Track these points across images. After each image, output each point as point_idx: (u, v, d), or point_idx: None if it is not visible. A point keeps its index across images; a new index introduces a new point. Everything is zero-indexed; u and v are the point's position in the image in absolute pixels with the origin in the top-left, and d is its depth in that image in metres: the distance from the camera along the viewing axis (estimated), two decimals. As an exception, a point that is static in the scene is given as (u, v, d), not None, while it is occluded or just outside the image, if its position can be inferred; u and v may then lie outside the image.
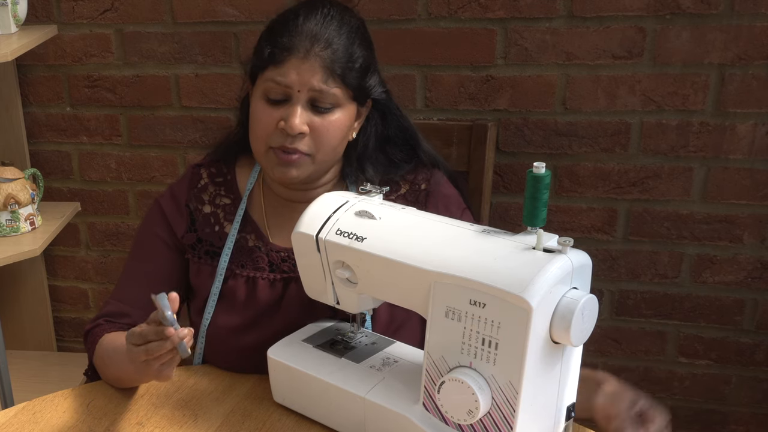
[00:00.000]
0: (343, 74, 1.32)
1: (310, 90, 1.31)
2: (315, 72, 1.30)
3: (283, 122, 1.31)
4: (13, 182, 2.16)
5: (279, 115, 1.32)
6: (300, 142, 1.32)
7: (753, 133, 1.91)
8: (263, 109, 1.34)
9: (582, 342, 1.04)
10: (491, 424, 1.05)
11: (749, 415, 2.13)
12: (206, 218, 1.45)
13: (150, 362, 1.14)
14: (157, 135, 2.26)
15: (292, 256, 1.40)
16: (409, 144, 1.47)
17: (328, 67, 1.31)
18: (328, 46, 1.31)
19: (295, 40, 1.31)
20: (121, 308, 1.42)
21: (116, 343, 1.34)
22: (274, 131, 1.33)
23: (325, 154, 1.35)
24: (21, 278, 2.46)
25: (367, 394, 1.18)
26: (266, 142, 1.34)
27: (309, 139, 1.33)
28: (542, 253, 1.03)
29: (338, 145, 1.37)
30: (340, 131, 1.35)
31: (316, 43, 1.31)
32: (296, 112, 1.31)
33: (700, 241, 2.02)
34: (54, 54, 2.25)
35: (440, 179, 1.46)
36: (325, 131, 1.33)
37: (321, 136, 1.33)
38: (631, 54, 1.91)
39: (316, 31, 1.31)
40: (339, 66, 1.31)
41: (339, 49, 1.32)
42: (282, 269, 1.40)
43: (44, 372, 2.40)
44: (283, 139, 1.32)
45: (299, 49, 1.30)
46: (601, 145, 2.00)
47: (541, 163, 1.04)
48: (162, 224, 1.46)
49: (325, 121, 1.33)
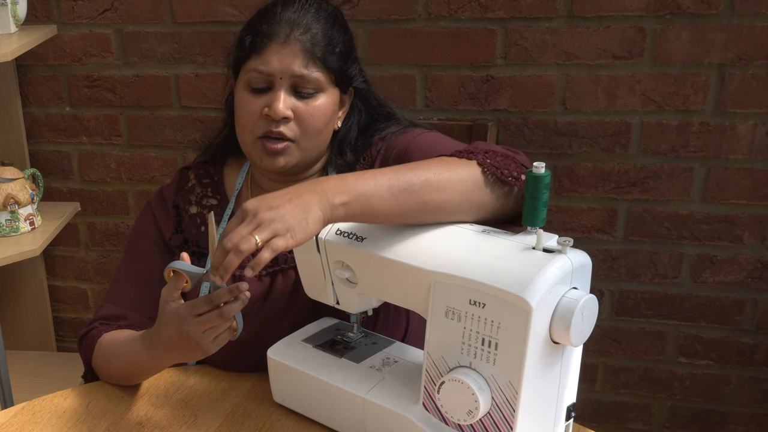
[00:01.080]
0: (323, 57, 1.34)
1: (292, 76, 1.33)
2: (296, 56, 1.32)
3: (267, 108, 1.33)
4: (12, 182, 2.16)
5: (263, 102, 1.34)
6: (285, 127, 1.34)
7: (753, 133, 1.91)
8: (247, 98, 1.36)
9: (582, 342, 1.03)
10: (491, 424, 1.05)
11: (749, 415, 2.13)
12: (192, 219, 1.45)
13: (215, 334, 1.16)
14: (156, 135, 2.26)
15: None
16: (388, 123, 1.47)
17: (309, 51, 1.33)
18: (307, 30, 1.33)
19: (274, 27, 1.34)
20: (116, 311, 1.42)
21: (122, 336, 1.34)
22: (258, 119, 1.34)
23: (310, 139, 1.36)
24: (21, 278, 2.46)
25: (367, 394, 1.18)
26: (252, 131, 1.36)
27: (294, 124, 1.34)
28: (542, 253, 1.03)
29: (323, 130, 1.38)
30: (324, 116, 1.36)
31: (296, 28, 1.33)
32: (279, 97, 1.32)
33: (700, 241, 2.02)
34: (54, 54, 2.25)
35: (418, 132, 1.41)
36: (309, 116, 1.34)
37: (305, 121, 1.34)
38: (631, 54, 1.91)
39: (295, 18, 1.34)
40: (319, 49, 1.34)
41: (318, 33, 1.34)
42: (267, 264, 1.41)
43: (44, 372, 2.40)
44: (268, 125, 1.34)
45: (279, 35, 1.33)
46: (601, 145, 2.00)
47: (541, 163, 1.04)
48: (153, 226, 1.46)
49: (308, 106, 1.34)
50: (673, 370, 2.14)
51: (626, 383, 2.19)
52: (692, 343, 2.11)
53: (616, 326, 2.14)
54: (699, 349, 2.11)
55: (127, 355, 1.32)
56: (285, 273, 1.39)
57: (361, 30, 2.02)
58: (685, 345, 2.12)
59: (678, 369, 2.14)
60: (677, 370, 2.14)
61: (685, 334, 2.11)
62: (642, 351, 2.15)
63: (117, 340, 1.35)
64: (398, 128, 1.43)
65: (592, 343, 2.08)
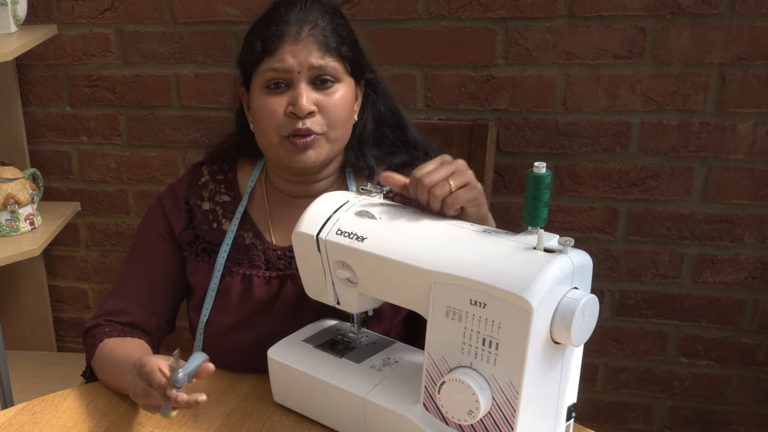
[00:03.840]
0: (337, 47, 1.35)
1: (310, 68, 1.33)
2: (311, 50, 1.33)
3: (291, 106, 1.33)
4: (12, 182, 2.16)
5: (285, 101, 1.33)
6: (311, 122, 1.33)
7: (753, 133, 1.91)
8: (267, 100, 1.35)
9: (582, 342, 1.03)
10: (491, 424, 1.05)
11: (750, 416, 2.13)
12: (204, 215, 1.45)
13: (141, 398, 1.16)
14: (157, 135, 2.26)
15: (288, 254, 1.40)
16: (400, 126, 1.49)
17: (322, 43, 1.34)
18: (315, 25, 1.34)
19: (283, 27, 1.34)
20: (121, 306, 1.42)
21: (116, 354, 1.34)
22: (283, 119, 1.34)
23: (337, 130, 1.36)
24: (21, 278, 2.46)
25: (367, 395, 1.18)
26: (278, 132, 1.35)
27: (319, 117, 1.34)
28: (543, 253, 1.03)
29: (347, 121, 1.38)
30: (346, 105, 1.37)
31: (305, 25, 1.34)
32: (302, 92, 1.32)
33: (700, 241, 2.02)
34: (54, 54, 2.25)
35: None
36: (333, 107, 1.34)
37: (330, 113, 1.34)
38: (632, 54, 1.91)
39: (302, 16, 1.35)
40: (332, 40, 1.35)
41: (327, 26, 1.35)
42: (278, 267, 1.41)
43: (44, 372, 2.40)
44: (295, 123, 1.33)
45: (290, 34, 1.33)
46: (601, 145, 2.00)
47: (542, 163, 1.04)
48: (162, 222, 1.46)
49: (330, 97, 1.34)
50: (674, 370, 2.14)
51: (627, 383, 2.18)
52: (693, 343, 2.11)
53: (617, 326, 2.14)
54: (699, 349, 2.11)
55: (116, 374, 1.32)
56: (294, 279, 1.39)
57: (361, 30, 2.01)
58: (686, 345, 2.12)
59: (678, 369, 2.14)
60: (678, 370, 2.14)
61: (685, 334, 2.11)
62: (642, 351, 2.14)
63: (113, 356, 1.34)
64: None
65: (593, 343, 2.08)
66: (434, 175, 1.15)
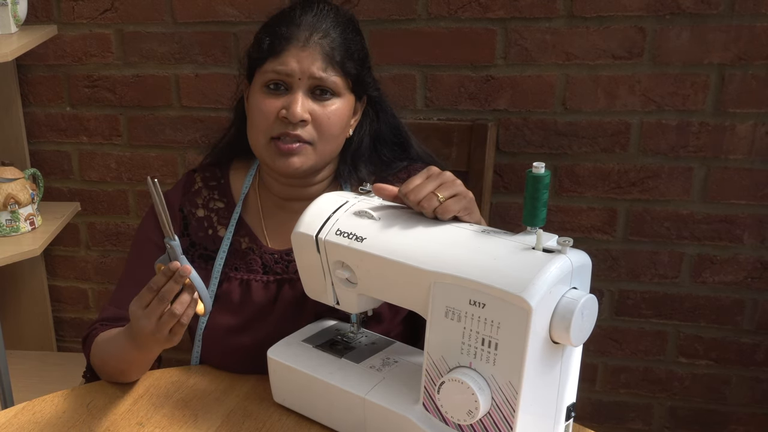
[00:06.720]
0: (342, 62, 1.34)
1: (311, 78, 1.32)
2: (315, 59, 1.32)
3: (284, 110, 1.33)
4: (13, 182, 2.16)
5: (280, 104, 1.33)
6: (302, 130, 1.33)
7: (753, 133, 1.91)
8: (263, 99, 1.35)
9: (582, 342, 1.04)
10: (491, 424, 1.05)
11: (749, 416, 2.13)
12: (199, 222, 1.45)
13: (163, 322, 1.15)
14: (157, 135, 2.26)
15: (285, 258, 1.40)
16: (401, 145, 1.48)
17: (328, 55, 1.33)
18: (326, 35, 1.33)
19: (293, 31, 1.33)
20: (119, 313, 1.42)
21: (111, 333, 1.35)
22: (275, 121, 1.34)
23: (326, 143, 1.36)
24: (21, 278, 2.46)
25: (367, 395, 1.18)
26: (267, 132, 1.35)
27: (310, 127, 1.34)
28: (542, 253, 1.03)
29: (339, 135, 1.38)
30: (341, 120, 1.36)
31: (315, 32, 1.33)
32: (297, 99, 1.32)
33: (700, 241, 2.02)
34: (54, 54, 2.25)
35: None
36: (326, 119, 1.34)
37: (322, 125, 1.34)
38: (631, 54, 1.91)
39: (314, 22, 1.34)
40: (339, 54, 1.34)
41: (337, 38, 1.35)
42: (275, 271, 1.41)
43: (44, 372, 2.40)
44: (284, 126, 1.33)
45: (298, 38, 1.33)
46: (601, 145, 2.00)
47: (541, 163, 1.04)
48: (156, 230, 1.46)
49: (325, 109, 1.34)
50: (673, 370, 2.14)
51: (626, 383, 2.19)
52: (692, 343, 2.11)
53: (616, 326, 2.14)
54: (699, 349, 2.11)
55: (116, 350, 1.32)
56: (292, 283, 1.39)
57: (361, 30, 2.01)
58: (685, 345, 2.12)
59: (678, 369, 2.14)
60: (677, 370, 2.14)
61: (685, 334, 2.11)
62: (642, 351, 2.15)
63: (108, 336, 1.36)
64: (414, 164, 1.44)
65: (592, 343, 2.08)
66: (420, 190, 1.14)
